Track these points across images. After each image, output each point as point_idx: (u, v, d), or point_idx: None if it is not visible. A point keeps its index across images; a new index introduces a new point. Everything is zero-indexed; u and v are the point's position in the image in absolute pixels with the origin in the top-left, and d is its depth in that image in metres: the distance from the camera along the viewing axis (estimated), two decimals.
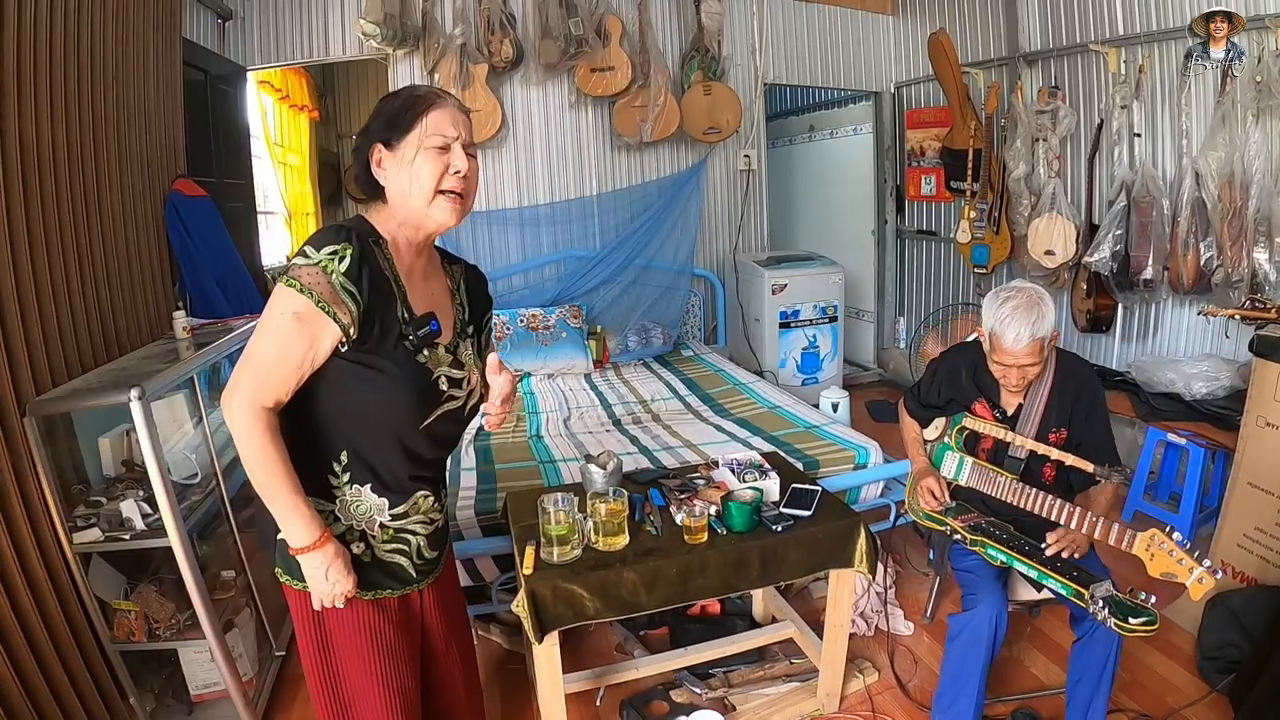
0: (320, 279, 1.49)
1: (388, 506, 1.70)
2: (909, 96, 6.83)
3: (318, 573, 1.60)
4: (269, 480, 1.52)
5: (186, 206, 3.52)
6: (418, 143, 1.59)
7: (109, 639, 2.50)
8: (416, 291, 1.70)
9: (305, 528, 1.56)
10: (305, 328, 1.49)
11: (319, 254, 1.50)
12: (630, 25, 5.48)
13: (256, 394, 1.50)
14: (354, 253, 1.53)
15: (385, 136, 1.61)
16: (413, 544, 1.77)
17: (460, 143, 1.63)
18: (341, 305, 1.50)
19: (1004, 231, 5.55)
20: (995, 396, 2.72)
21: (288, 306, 1.48)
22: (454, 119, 1.63)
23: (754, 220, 6.60)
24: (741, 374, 5.19)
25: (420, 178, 1.59)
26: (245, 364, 1.51)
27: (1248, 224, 4.03)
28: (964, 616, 2.51)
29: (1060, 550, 2.43)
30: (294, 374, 1.52)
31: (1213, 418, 4.06)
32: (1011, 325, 2.45)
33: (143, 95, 3.32)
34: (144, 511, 2.42)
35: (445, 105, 1.63)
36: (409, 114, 1.60)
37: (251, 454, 1.51)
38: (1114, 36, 4.84)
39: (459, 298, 1.87)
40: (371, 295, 1.55)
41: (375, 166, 1.64)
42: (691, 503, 2.55)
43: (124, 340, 2.97)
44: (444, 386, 1.70)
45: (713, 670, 3.00)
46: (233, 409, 1.49)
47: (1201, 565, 2.04)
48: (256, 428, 1.49)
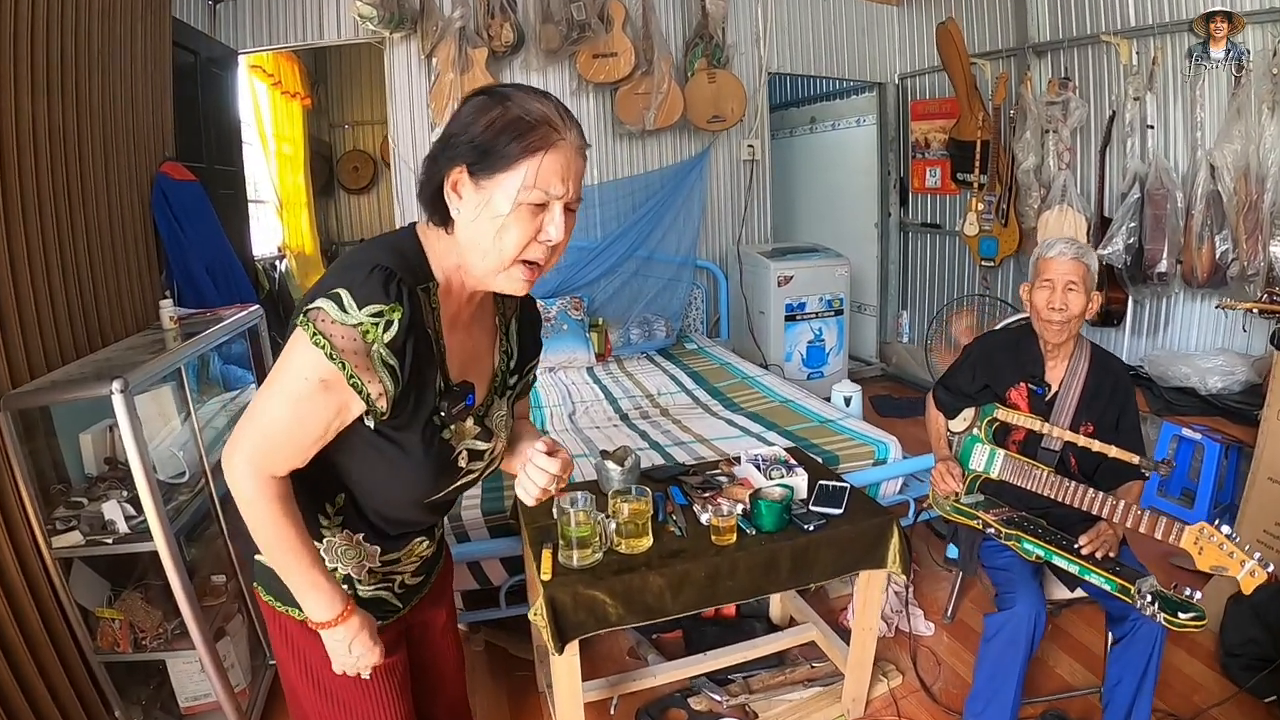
0: (357, 346, 1.20)
1: (380, 553, 1.51)
2: (914, 88, 6.76)
3: (339, 647, 1.41)
4: (282, 554, 1.32)
5: (175, 191, 3.37)
6: (514, 193, 1.22)
7: (92, 649, 2.35)
8: (456, 344, 1.40)
9: (326, 603, 1.36)
10: (332, 397, 1.23)
11: (360, 314, 1.19)
12: (633, 10, 5.39)
13: (265, 462, 1.26)
14: (403, 319, 1.22)
15: (473, 162, 1.23)
16: (397, 580, 1.58)
17: (564, 201, 1.26)
18: (376, 380, 1.23)
19: (1012, 224, 5.50)
20: (1039, 370, 2.68)
21: (313, 371, 1.20)
22: (568, 167, 1.25)
23: (758, 211, 6.53)
24: (748, 367, 5.14)
25: (503, 239, 1.25)
26: (252, 424, 1.26)
27: (1264, 217, 4.03)
28: (1001, 616, 2.44)
29: (1095, 550, 2.36)
30: (314, 445, 1.28)
31: (1228, 412, 4.05)
32: (1056, 244, 2.61)
33: (130, 75, 3.17)
34: (128, 513, 2.27)
35: (563, 147, 1.24)
36: (513, 146, 1.21)
37: (259, 526, 1.30)
38: (1125, 27, 4.81)
39: (505, 344, 1.56)
40: (412, 370, 1.28)
41: (450, 190, 1.27)
42: (717, 501, 2.42)
43: (107, 330, 2.82)
44: (463, 463, 1.44)
45: (732, 676, 2.90)
46: (235, 472, 1.26)
47: (1253, 558, 1.96)
48: (264, 497, 1.26)
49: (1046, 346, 2.65)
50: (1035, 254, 2.66)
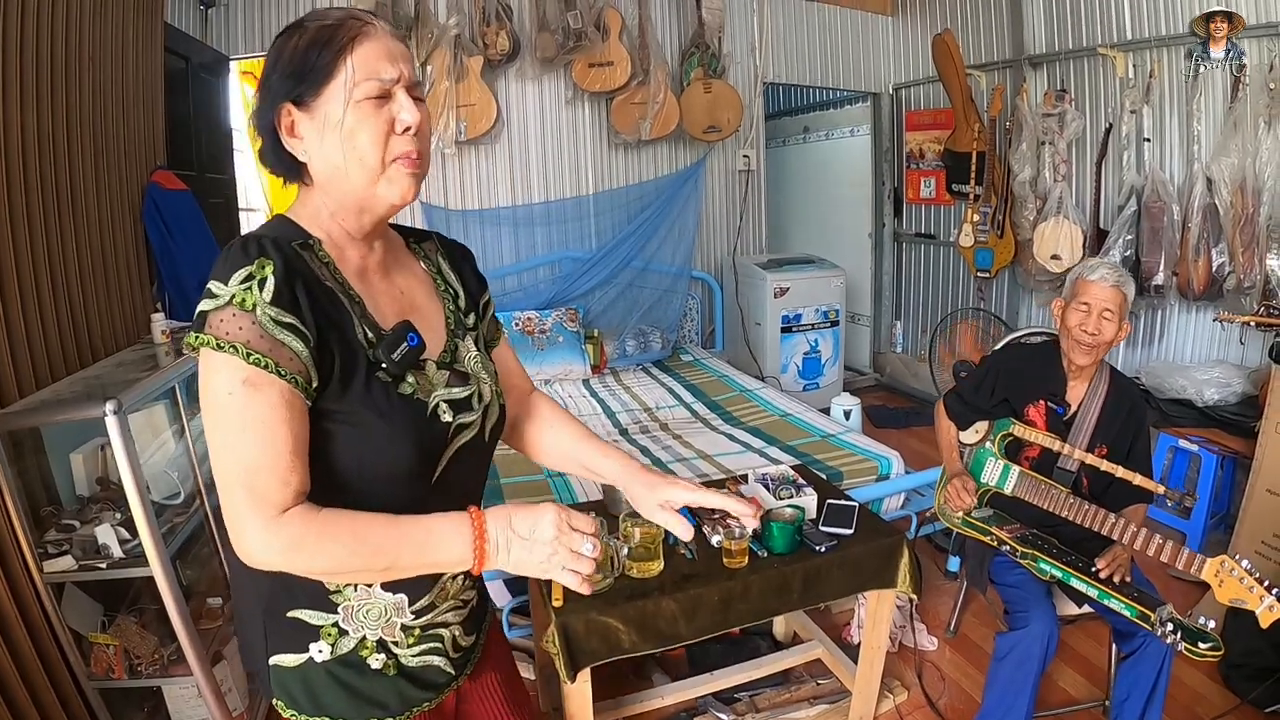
0: (242, 322, 1.04)
1: (407, 603, 1.26)
2: (908, 98, 6.76)
3: (522, 558, 1.12)
4: (374, 556, 1.08)
5: (166, 201, 3.31)
6: (344, 95, 1.12)
7: (85, 676, 2.29)
8: (379, 296, 1.26)
9: (453, 549, 1.10)
10: (266, 393, 1.05)
11: (229, 285, 1.05)
12: (630, 20, 5.35)
13: (263, 505, 1.04)
14: (276, 268, 1.08)
15: (294, 92, 1.13)
16: (446, 638, 1.33)
17: (404, 85, 1.16)
18: (283, 351, 1.06)
19: (1008, 235, 5.49)
20: (1061, 389, 2.66)
21: (228, 378, 1.04)
22: (389, 51, 1.15)
23: (753, 222, 6.50)
24: (745, 380, 5.11)
25: (358, 145, 1.13)
26: (225, 486, 1.06)
27: (1260, 230, 4.04)
28: (1013, 636, 2.41)
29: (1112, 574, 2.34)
30: (295, 455, 1.07)
31: (1224, 424, 4.05)
32: (1100, 269, 2.56)
33: (121, 82, 3.11)
34: (122, 537, 2.21)
35: (374, 33, 1.14)
36: (324, 53, 1.11)
37: (326, 562, 1.08)
38: (1122, 40, 4.81)
39: (442, 283, 1.41)
40: (318, 322, 1.11)
41: (287, 135, 1.16)
42: (727, 523, 2.37)
43: (98, 345, 2.76)
44: (446, 416, 1.24)
45: (738, 695, 2.88)
46: (252, 552, 1.05)
47: (1271, 594, 1.97)
48: (295, 533, 1.05)
49: (1070, 367, 2.63)
50: (1075, 272, 2.63)
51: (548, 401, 1.60)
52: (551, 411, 1.58)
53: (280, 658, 1.23)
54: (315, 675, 1.23)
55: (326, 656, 1.22)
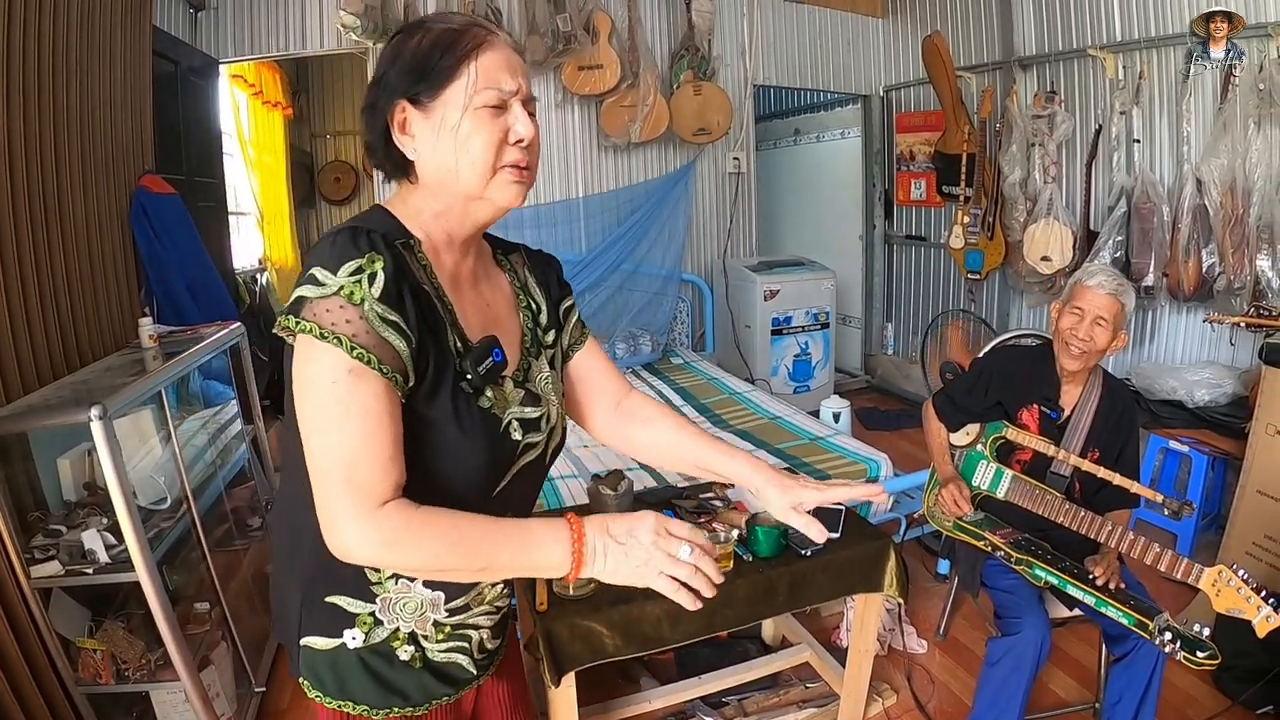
0: (350, 315, 1.04)
1: (444, 600, 1.28)
2: (899, 100, 6.77)
3: (619, 563, 1.09)
4: (474, 555, 1.07)
5: (154, 205, 3.31)
6: (463, 100, 1.13)
7: (73, 681, 2.28)
8: (468, 305, 1.25)
9: (551, 553, 1.08)
10: (370, 383, 1.05)
11: (338, 276, 1.04)
12: (620, 22, 5.35)
13: (364, 498, 1.03)
14: (386, 265, 1.07)
15: (412, 90, 1.15)
16: (474, 639, 1.34)
17: (520, 98, 1.18)
18: (386, 348, 1.06)
19: (998, 237, 5.50)
20: (1054, 394, 2.66)
21: (331, 367, 1.04)
22: (510, 63, 1.17)
23: (743, 224, 6.51)
24: (735, 382, 5.11)
25: (471, 149, 1.13)
26: (323, 477, 1.05)
27: (1249, 231, 4.06)
28: (1006, 641, 2.41)
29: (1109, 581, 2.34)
30: (396, 448, 1.07)
31: (1215, 425, 4.06)
32: (1099, 274, 2.55)
33: (109, 85, 3.11)
34: (108, 542, 2.20)
35: (497, 43, 1.16)
36: (447, 57, 1.13)
37: (426, 559, 1.06)
38: (1112, 41, 4.84)
39: (525, 299, 1.40)
40: (418, 324, 1.11)
41: (399, 132, 1.17)
42: (712, 527, 2.37)
43: (85, 350, 2.76)
44: (517, 435, 1.24)
45: (726, 699, 2.87)
46: (348, 545, 1.04)
47: (1268, 604, 1.98)
48: (390, 533, 1.03)
49: (1063, 372, 2.63)
50: (1075, 276, 2.63)
51: (651, 401, 1.59)
52: (660, 412, 1.57)
53: (313, 639, 1.25)
54: (345, 661, 1.25)
55: (359, 644, 1.24)
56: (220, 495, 2.94)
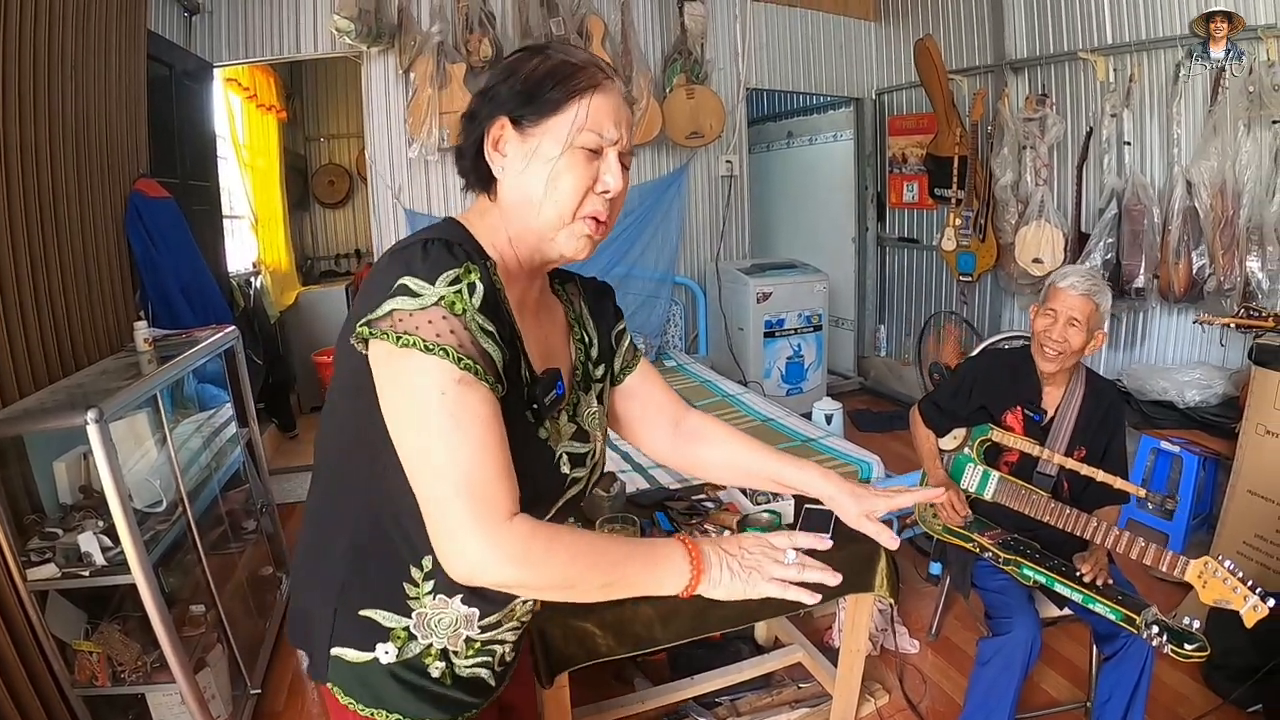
0: (453, 325, 1.01)
1: (478, 617, 1.24)
2: (891, 103, 6.79)
3: (735, 572, 1.12)
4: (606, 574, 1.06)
5: (149, 209, 3.32)
6: (565, 135, 1.12)
7: (69, 683, 2.28)
8: (530, 332, 1.22)
9: (675, 566, 1.10)
10: (479, 392, 1.02)
11: (436, 288, 1.01)
12: (613, 26, 5.35)
13: (490, 514, 1.00)
14: (483, 276, 1.06)
15: (517, 111, 1.14)
16: (498, 654, 1.31)
17: (618, 149, 1.16)
18: (488, 359, 1.04)
19: (990, 239, 5.51)
20: (1036, 397, 2.67)
21: (438, 379, 1.00)
22: (617, 112, 1.16)
23: (736, 227, 6.51)
24: (728, 385, 5.11)
25: (559, 188, 1.12)
26: (439, 495, 1.01)
27: (1239, 232, 4.07)
28: (997, 641, 2.43)
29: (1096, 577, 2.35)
30: (506, 454, 1.05)
31: (1206, 425, 4.08)
32: (1072, 274, 2.55)
33: (104, 89, 3.11)
34: (104, 545, 2.21)
35: (610, 90, 1.16)
36: (560, 89, 1.12)
37: (560, 580, 1.04)
38: (1102, 45, 4.85)
39: (579, 330, 1.38)
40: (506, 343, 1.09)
41: (491, 147, 1.16)
42: (704, 528, 2.39)
43: (81, 353, 2.76)
44: (565, 469, 1.23)
45: (719, 699, 2.88)
46: (476, 566, 1.01)
47: (1255, 593, 1.97)
48: (521, 548, 1.01)
49: (1043, 375, 2.65)
50: (1050, 278, 2.64)
51: (711, 419, 1.58)
52: (724, 430, 1.56)
53: (344, 651, 1.20)
54: (376, 674, 1.21)
55: (392, 659, 1.20)
56: (215, 498, 2.94)
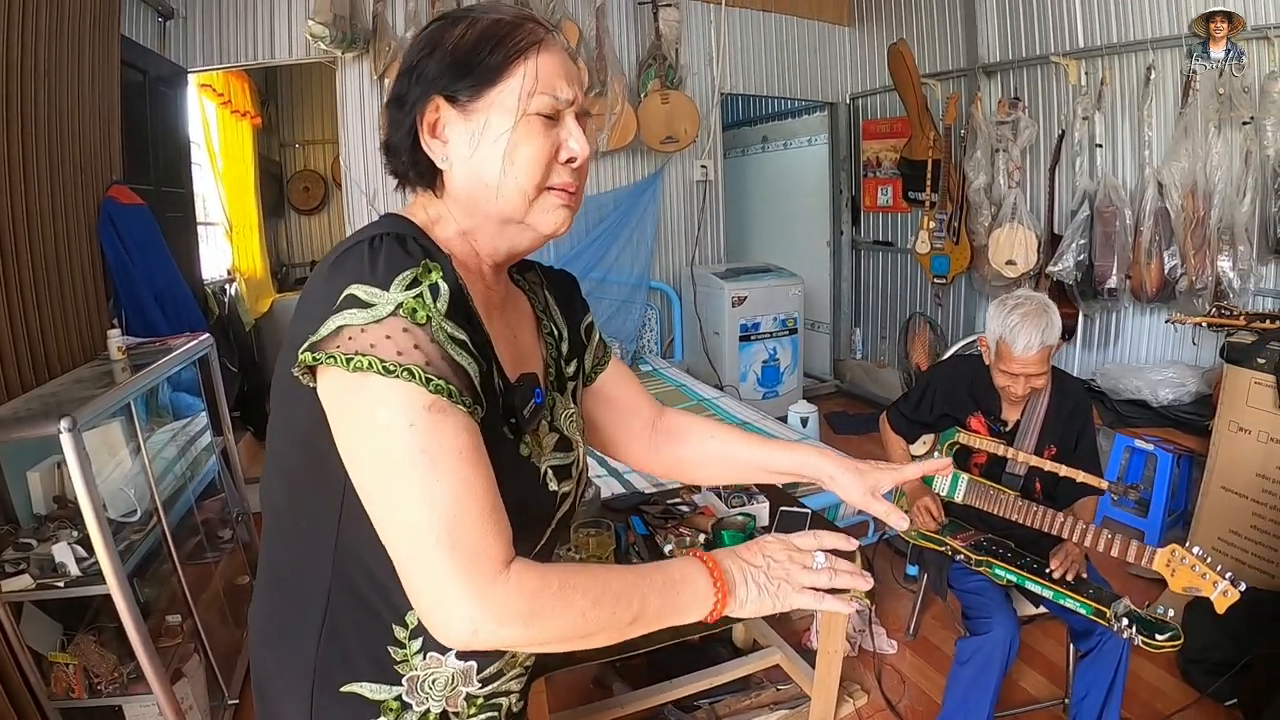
0: (419, 338, 0.85)
1: (476, 670, 1.07)
2: (865, 107, 6.81)
3: (763, 586, 1.00)
4: (619, 610, 0.91)
5: (122, 216, 3.29)
6: (516, 103, 0.96)
7: (46, 695, 2.25)
8: (498, 335, 1.05)
9: (697, 589, 0.97)
10: (455, 418, 0.86)
11: (391, 291, 0.85)
12: (587, 32, 5.35)
13: (481, 567, 0.84)
14: (446, 273, 0.90)
15: (452, 85, 0.97)
16: (504, 706, 1.14)
17: (575, 109, 1.02)
18: (462, 375, 0.88)
19: (964, 242, 5.55)
20: (996, 409, 2.68)
21: (403, 409, 0.84)
22: (567, 69, 1.01)
23: (711, 231, 6.52)
24: (704, 389, 5.12)
25: (517, 163, 0.97)
26: (416, 549, 0.84)
27: (1211, 232, 4.12)
28: (975, 641, 2.44)
29: (1066, 573, 2.37)
30: (493, 490, 0.89)
31: (1179, 423, 4.12)
32: (1022, 333, 2.43)
33: (76, 95, 3.09)
34: (79, 555, 2.19)
35: (553, 45, 1.01)
36: (498, 51, 0.96)
37: (561, 624, 0.88)
38: (1074, 48, 4.91)
39: (548, 324, 1.22)
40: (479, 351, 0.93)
41: (428, 134, 0.99)
42: (679, 531, 2.39)
43: (54, 362, 2.73)
44: (553, 485, 1.07)
45: (698, 702, 2.88)
46: (466, 630, 0.84)
47: (1225, 578, 1.97)
48: (527, 602, 0.86)
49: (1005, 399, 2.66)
50: (996, 330, 2.53)
51: (689, 416, 1.43)
52: (704, 424, 1.42)
53: None
54: None
55: None
56: (191, 508, 2.92)
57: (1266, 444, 3.22)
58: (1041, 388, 2.56)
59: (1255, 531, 3.24)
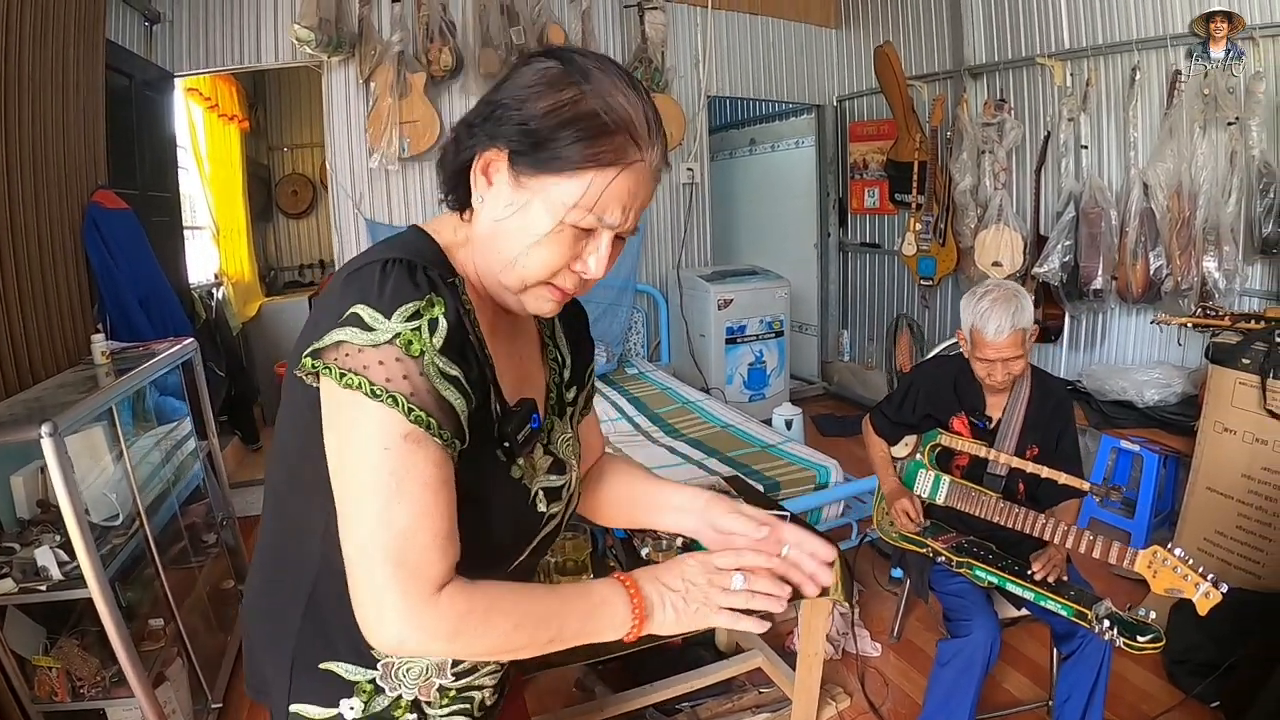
0: (408, 369, 0.89)
1: (450, 664, 1.12)
2: (852, 109, 6.83)
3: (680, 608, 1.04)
4: (535, 630, 0.97)
5: (107, 220, 3.29)
6: (561, 207, 0.95)
7: (29, 699, 2.26)
8: (502, 358, 1.08)
9: (615, 612, 1.02)
10: (428, 450, 0.90)
11: (391, 323, 0.89)
12: (573, 35, 5.35)
13: (417, 586, 0.89)
14: (448, 310, 0.93)
15: (519, 150, 0.95)
16: (476, 700, 1.18)
17: (621, 230, 1.00)
18: (447, 410, 0.92)
19: (950, 243, 5.56)
20: (980, 405, 2.68)
21: (383, 432, 0.89)
22: (635, 193, 0.97)
23: (697, 234, 6.51)
24: (689, 392, 5.13)
25: (532, 260, 0.98)
26: (364, 557, 0.89)
27: (1196, 233, 4.12)
28: (956, 643, 2.44)
29: (1048, 575, 2.37)
30: (447, 521, 0.93)
31: (1165, 424, 4.12)
32: (992, 317, 2.46)
33: (62, 100, 3.09)
34: (61, 559, 2.19)
35: (641, 168, 0.97)
36: (578, 148, 0.93)
37: (485, 642, 0.94)
38: (1060, 50, 4.92)
39: (553, 350, 1.25)
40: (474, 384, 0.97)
41: (479, 171, 1.00)
42: (655, 536, 2.39)
43: (38, 367, 2.73)
44: (542, 506, 1.11)
45: (680, 705, 2.87)
46: (394, 638, 0.90)
47: (1206, 580, 1.97)
48: (453, 621, 0.91)
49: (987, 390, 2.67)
50: (968, 319, 2.56)
51: (610, 459, 1.45)
52: (618, 466, 1.43)
53: (304, 708, 1.09)
54: None
55: (358, 714, 1.08)
56: (175, 513, 2.91)
57: (1251, 444, 3.22)
58: (1020, 373, 2.56)
59: (1240, 532, 3.24)
